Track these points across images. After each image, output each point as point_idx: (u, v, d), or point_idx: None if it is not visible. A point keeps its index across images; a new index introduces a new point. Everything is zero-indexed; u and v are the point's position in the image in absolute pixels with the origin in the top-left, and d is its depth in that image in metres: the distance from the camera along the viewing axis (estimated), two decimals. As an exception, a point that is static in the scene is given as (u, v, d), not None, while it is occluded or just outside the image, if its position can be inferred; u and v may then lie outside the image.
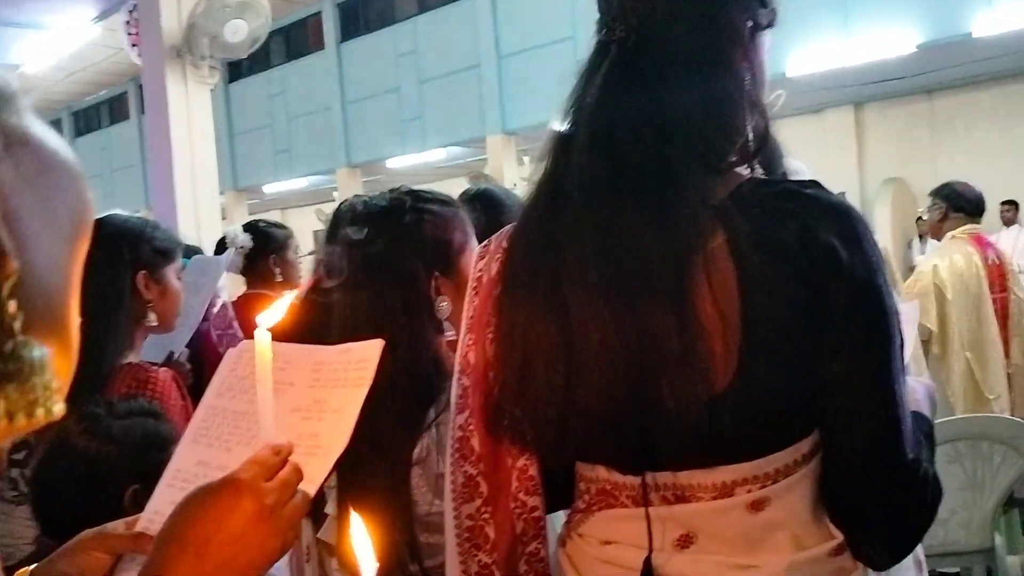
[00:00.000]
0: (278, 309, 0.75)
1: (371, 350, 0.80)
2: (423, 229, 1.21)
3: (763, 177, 0.87)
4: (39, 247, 0.35)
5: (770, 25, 0.93)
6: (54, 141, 0.39)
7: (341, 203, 2.14)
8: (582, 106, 0.87)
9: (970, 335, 3.59)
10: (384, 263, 1.18)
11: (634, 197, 0.82)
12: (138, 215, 1.76)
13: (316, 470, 0.71)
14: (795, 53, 8.49)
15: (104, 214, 1.77)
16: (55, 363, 0.34)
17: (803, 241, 0.79)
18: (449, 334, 1.20)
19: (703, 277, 0.79)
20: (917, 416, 0.89)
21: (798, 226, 0.80)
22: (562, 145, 0.89)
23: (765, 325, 0.79)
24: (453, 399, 1.02)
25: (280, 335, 0.73)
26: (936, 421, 2.81)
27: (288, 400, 0.80)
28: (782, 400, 0.80)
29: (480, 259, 1.08)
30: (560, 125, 0.90)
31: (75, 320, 0.37)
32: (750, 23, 0.89)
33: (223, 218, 13.50)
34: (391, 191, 1.29)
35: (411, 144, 12.22)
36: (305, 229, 15.86)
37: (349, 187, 13.01)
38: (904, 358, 0.84)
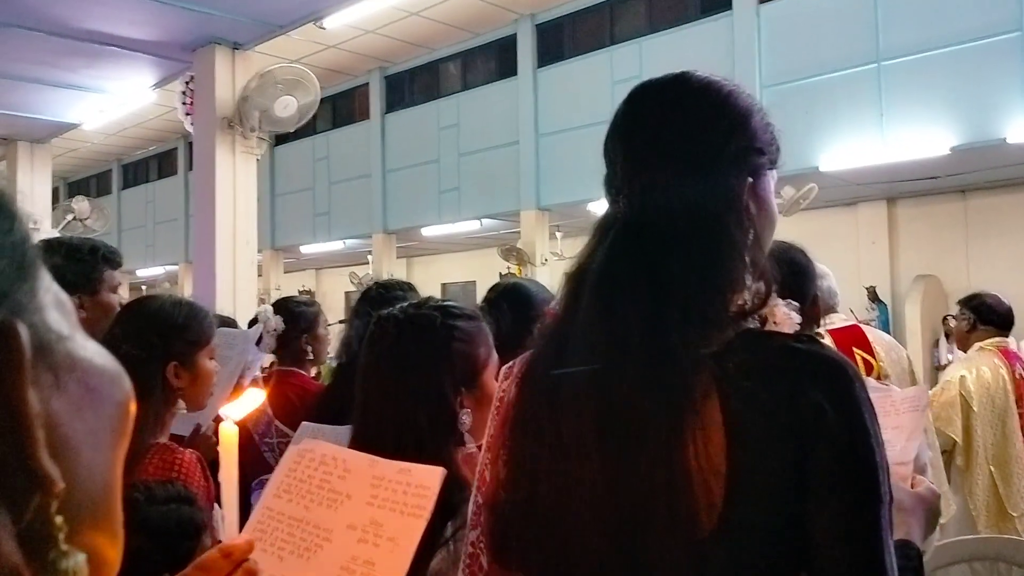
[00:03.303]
0: (244, 404, 0.76)
1: (431, 478, 0.81)
2: (452, 347, 1.25)
3: (758, 329, 0.90)
4: (83, 461, 0.38)
5: (773, 166, 0.96)
6: (96, 356, 0.40)
7: (368, 288, 2.21)
8: (589, 269, 0.92)
9: (995, 449, 3.54)
10: (414, 377, 1.22)
11: (631, 359, 0.86)
12: (174, 296, 1.81)
13: None
14: (830, 149, 8.59)
15: (143, 296, 1.84)
16: (104, 551, 0.39)
17: (792, 399, 0.81)
18: (470, 446, 1.23)
19: (692, 431, 0.82)
20: (905, 547, 0.89)
21: (788, 384, 0.82)
22: (572, 302, 0.93)
23: (749, 477, 0.81)
24: (469, 515, 1.06)
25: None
26: (953, 540, 2.76)
27: (345, 514, 0.80)
28: (764, 548, 0.82)
29: (504, 379, 1.11)
30: (571, 279, 0.95)
31: (118, 510, 0.40)
32: (751, 179, 0.93)
33: (260, 275, 13.75)
34: (419, 304, 1.33)
35: (447, 214, 12.42)
36: (338, 290, 16.07)
37: (384, 252, 13.20)
38: (891, 513, 0.86)
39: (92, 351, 0.40)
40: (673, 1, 10.29)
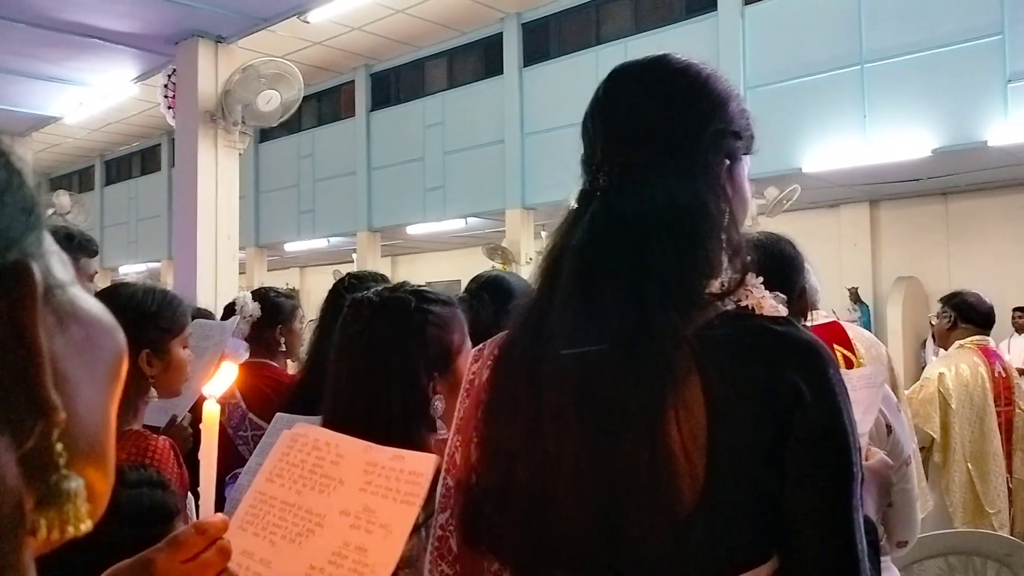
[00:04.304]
0: (223, 379, 0.75)
1: (425, 464, 0.81)
2: (426, 332, 1.24)
3: (736, 311, 0.90)
4: (82, 397, 0.41)
5: (748, 151, 0.97)
6: (94, 308, 0.43)
7: (342, 279, 2.19)
8: (568, 246, 0.92)
9: (972, 447, 3.57)
10: (387, 360, 1.21)
11: (611, 339, 0.85)
12: (148, 283, 1.79)
13: None
14: (813, 150, 8.65)
15: (116, 283, 1.82)
16: (97, 485, 0.41)
17: (770, 379, 0.82)
18: (442, 432, 1.21)
19: (674, 410, 0.83)
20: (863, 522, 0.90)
21: (766, 364, 0.83)
22: (550, 280, 0.93)
23: (729, 455, 0.82)
24: (438, 498, 1.05)
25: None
26: (929, 535, 2.78)
27: (338, 500, 0.80)
28: (741, 526, 0.83)
29: (474, 362, 1.11)
30: (548, 258, 0.94)
31: (111, 448, 0.43)
32: (728, 161, 0.94)
33: (243, 273, 13.67)
34: (394, 287, 1.32)
35: (432, 212, 12.41)
36: (322, 288, 15.89)
37: (369, 250, 13.17)
38: (862, 468, 0.86)
39: (91, 303, 0.43)
40: (659, 1, 10.33)
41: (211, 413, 0.69)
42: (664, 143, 0.92)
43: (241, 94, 4.91)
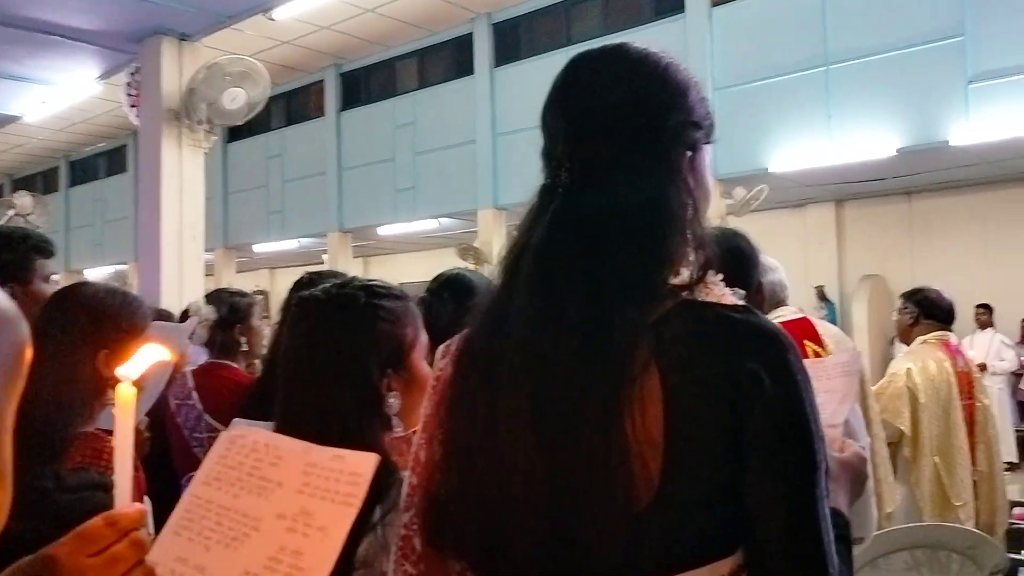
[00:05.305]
0: (140, 362, 0.72)
1: (365, 464, 0.79)
2: (377, 328, 1.21)
3: (695, 299, 0.89)
4: None
5: (708, 140, 0.96)
6: None
7: (301, 278, 2.16)
8: (529, 244, 0.90)
9: (939, 440, 3.61)
10: (337, 358, 1.17)
11: (569, 333, 0.84)
12: (110, 284, 1.76)
13: None
14: (780, 151, 8.74)
15: (76, 283, 1.78)
16: None
17: (729, 368, 0.81)
18: (397, 430, 1.19)
19: (631, 405, 0.81)
20: (833, 515, 0.90)
21: (725, 353, 0.82)
22: (511, 278, 0.92)
23: (687, 447, 0.81)
24: (403, 496, 1.03)
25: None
26: (895, 528, 2.81)
27: (275, 503, 0.78)
28: (699, 520, 0.82)
29: (442, 358, 1.09)
30: (510, 253, 0.93)
31: (8, 455, 0.39)
32: (689, 152, 0.93)
33: (211, 275, 13.50)
34: (343, 283, 1.27)
35: (403, 213, 12.36)
36: (290, 288, 15.75)
37: (340, 251, 13.09)
38: (827, 472, 0.85)
39: None
40: (628, 3, 10.39)
41: (125, 396, 0.65)
42: (626, 138, 0.91)
43: (206, 92, 4.84)
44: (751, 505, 0.81)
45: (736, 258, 1.86)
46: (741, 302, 0.91)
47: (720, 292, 0.90)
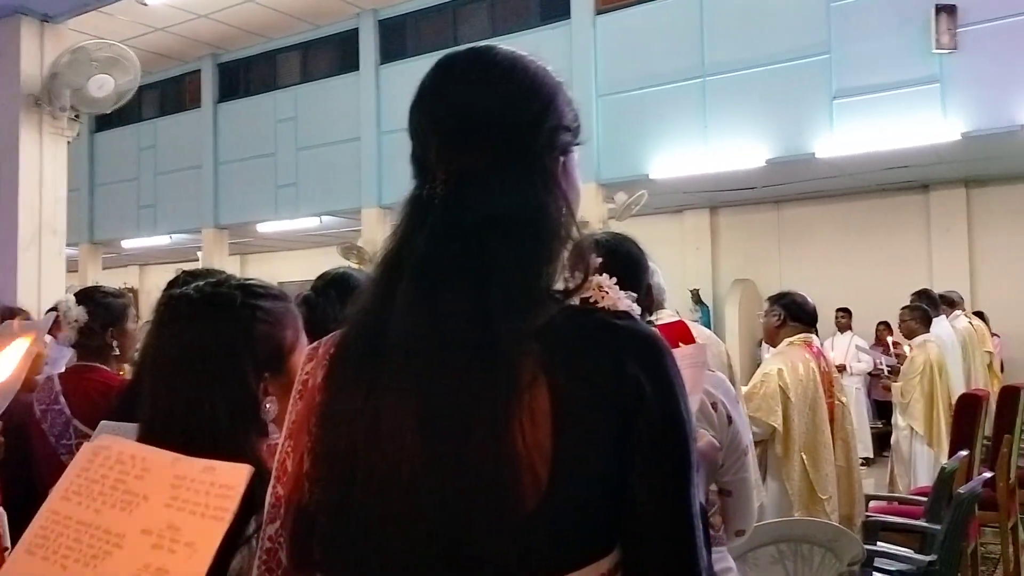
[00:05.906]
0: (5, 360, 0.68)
1: (237, 476, 0.75)
2: (254, 328, 1.16)
3: (578, 306, 0.90)
4: None
5: (577, 142, 0.97)
6: None
7: (176, 276, 2.06)
8: (408, 254, 0.89)
9: (805, 437, 3.82)
10: (210, 360, 1.12)
11: (455, 350, 0.84)
12: None
13: None
14: (659, 157, 9.03)
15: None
16: None
17: (614, 374, 0.83)
18: (274, 436, 1.13)
19: (520, 410, 0.81)
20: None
21: (609, 357, 0.84)
22: (389, 287, 0.89)
23: (575, 451, 0.82)
24: (267, 506, 0.99)
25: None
26: (764, 523, 2.94)
27: (140, 518, 0.74)
28: (587, 519, 0.83)
29: (308, 361, 1.04)
30: (386, 263, 0.91)
31: None
32: (561, 157, 0.94)
33: (75, 271, 12.71)
34: (218, 282, 1.22)
35: (284, 210, 12.02)
36: (163, 287, 15.08)
37: (215, 248, 12.60)
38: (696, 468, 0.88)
39: None
40: (515, 6, 10.48)
41: None
42: (501, 148, 0.90)
43: (70, 78, 4.55)
44: (631, 503, 0.84)
45: (627, 262, 1.90)
46: (634, 306, 0.93)
47: (615, 296, 0.92)
